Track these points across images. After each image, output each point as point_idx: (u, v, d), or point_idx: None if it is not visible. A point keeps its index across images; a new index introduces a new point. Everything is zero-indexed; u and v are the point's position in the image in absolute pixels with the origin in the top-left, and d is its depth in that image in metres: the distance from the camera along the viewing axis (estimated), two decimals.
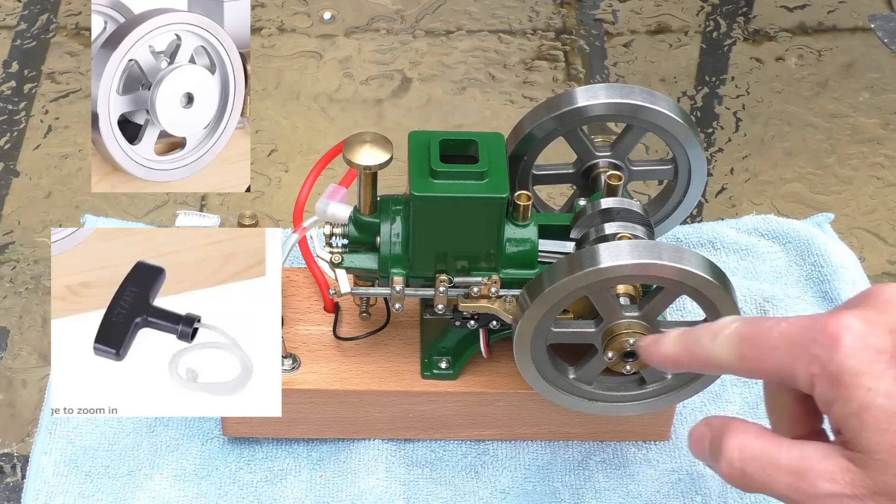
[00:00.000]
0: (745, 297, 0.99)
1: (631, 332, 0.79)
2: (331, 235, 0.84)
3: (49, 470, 0.88)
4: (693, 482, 0.89)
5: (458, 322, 0.86)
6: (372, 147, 0.80)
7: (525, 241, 0.82)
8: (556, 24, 1.26)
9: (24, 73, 1.18)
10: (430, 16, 1.26)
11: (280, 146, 1.13)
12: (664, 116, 0.86)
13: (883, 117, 1.18)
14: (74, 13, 1.24)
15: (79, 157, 1.11)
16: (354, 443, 0.91)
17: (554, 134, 0.87)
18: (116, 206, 1.07)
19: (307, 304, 0.92)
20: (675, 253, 0.76)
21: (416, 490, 0.89)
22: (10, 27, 1.23)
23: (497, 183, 0.79)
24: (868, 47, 1.24)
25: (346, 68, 1.20)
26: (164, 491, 0.88)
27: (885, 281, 1.04)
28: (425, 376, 0.88)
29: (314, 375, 0.88)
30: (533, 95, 1.18)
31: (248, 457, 0.90)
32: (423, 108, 1.17)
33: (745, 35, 1.25)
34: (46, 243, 1.04)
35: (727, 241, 1.04)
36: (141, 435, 0.91)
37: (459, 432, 0.91)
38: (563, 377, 0.84)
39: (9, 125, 1.13)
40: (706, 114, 1.18)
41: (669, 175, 0.91)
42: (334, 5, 1.27)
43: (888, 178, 1.13)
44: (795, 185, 1.12)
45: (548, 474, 0.90)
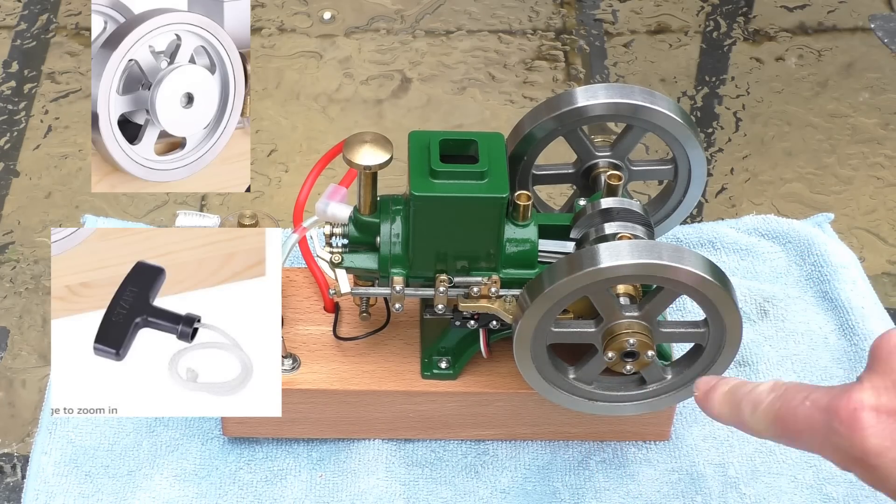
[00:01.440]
0: (745, 297, 0.99)
1: (631, 332, 0.79)
2: (331, 235, 0.84)
3: (49, 470, 0.88)
4: (693, 482, 0.89)
5: (458, 322, 0.86)
6: (372, 147, 0.80)
7: (525, 241, 0.82)
8: (556, 24, 1.26)
9: (24, 73, 1.18)
10: (430, 16, 1.26)
11: (280, 146, 1.13)
12: (664, 116, 0.86)
13: (883, 117, 1.18)
14: (74, 13, 1.24)
15: (79, 157, 1.11)
16: (354, 443, 0.91)
17: (554, 134, 0.87)
18: (116, 206, 1.07)
19: (307, 304, 0.92)
20: (675, 253, 0.76)
21: (416, 490, 0.89)
22: (10, 27, 1.23)
23: (497, 183, 0.79)
24: (868, 47, 1.24)
25: (346, 68, 1.20)
26: (164, 491, 0.88)
27: (884, 281, 1.04)
28: (425, 376, 0.88)
29: (314, 375, 0.88)
30: (533, 95, 1.18)
31: (248, 457, 0.90)
32: (423, 108, 1.17)
33: (745, 35, 1.25)
34: (46, 243, 1.04)
35: (727, 241, 1.04)
36: (141, 435, 0.91)
37: (459, 432, 0.91)
38: (563, 377, 0.84)
39: (9, 125, 1.14)
40: (706, 114, 1.18)
41: (669, 175, 0.91)
42: (334, 5, 1.27)
43: (888, 178, 1.13)
44: (795, 185, 1.12)
45: (548, 474, 0.90)
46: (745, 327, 0.81)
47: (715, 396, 0.70)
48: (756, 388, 0.67)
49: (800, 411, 0.62)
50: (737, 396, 0.68)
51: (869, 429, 0.59)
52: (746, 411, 0.67)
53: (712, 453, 0.91)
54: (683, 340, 0.82)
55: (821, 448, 0.62)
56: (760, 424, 0.66)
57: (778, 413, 0.64)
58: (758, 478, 0.90)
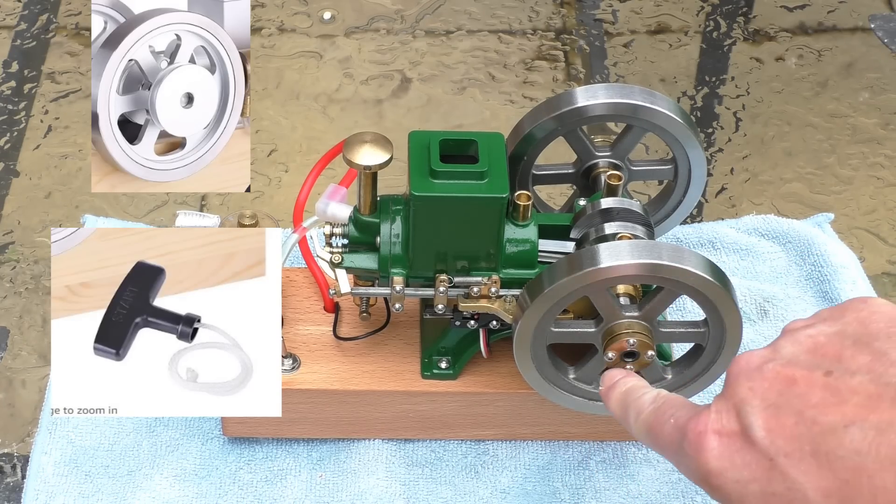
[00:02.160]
0: (745, 297, 0.99)
1: (631, 332, 0.79)
2: (331, 235, 0.84)
3: (49, 470, 0.88)
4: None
5: (458, 322, 0.86)
6: (372, 147, 0.80)
7: (525, 241, 0.82)
8: (556, 24, 1.26)
9: (24, 73, 1.18)
10: (430, 16, 1.26)
11: (280, 146, 1.13)
12: (664, 116, 0.86)
13: (883, 117, 1.18)
14: (74, 13, 1.24)
15: (79, 157, 1.11)
16: (354, 443, 0.91)
17: (554, 134, 0.87)
18: (116, 206, 1.07)
19: (307, 304, 0.92)
20: (675, 253, 0.76)
21: (416, 490, 0.89)
22: (10, 27, 1.23)
23: (497, 183, 0.79)
24: (868, 47, 1.25)
25: (346, 68, 1.20)
26: (164, 491, 0.88)
27: (884, 281, 1.04)
28: (425, 376, 0.88)
29: (314, 375, 0.88)
30: (533, 95, 1.18)
31: (248, 457, 0.90)
32: (423, 108, 1.17)
33: (745, 35, 1.25)
34: (46, 243, 1.04)
35: (727, 241, 1.04)
36: (141, 435, 0.91)
37: (459, 432, 0.91)
38: (563, 377, 0.84)
39: (9, 125, 1.14)
40: (706, 114, 1.18)
41: (669, 175, 0.91)
42: (334, 5, 1.27)
43: (888, 178, 1.13)
44: (795, 185, 1.12)
45: (548, 474, 0.90)
46: (745, 327, 0.81)
47: (612, 395, 0.74)
48: (643, 395, 0.70)
49: (664, 428, 0.65)
50: (627, 400, 0.72)
51: (711, 451, 0.61)
52: (631, 417, 0.70)
53: None
54: (683, 340, 0.82)
55: (678, 465, 0.64)
56: (639, 433, 0.69)
57: (650, 426, 0.67)
58: None
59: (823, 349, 0.61)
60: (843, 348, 0.60)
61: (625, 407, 0.72)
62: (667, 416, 0.65)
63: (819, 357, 0.61)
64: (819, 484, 0.57)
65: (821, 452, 0.58)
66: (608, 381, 0.76)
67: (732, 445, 0.60)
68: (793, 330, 0.63)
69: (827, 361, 0.60)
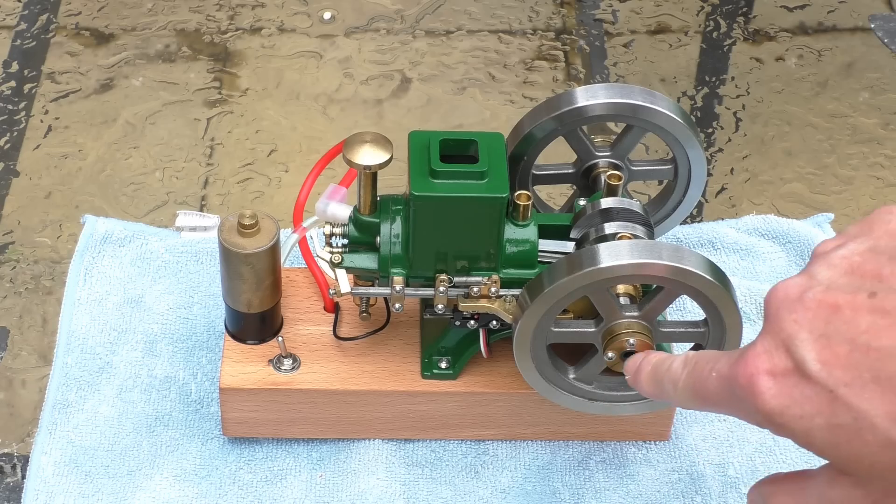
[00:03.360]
0: (745, 297, 0.99)
1: (631, 332, 0.79)
2: (331, 235, 0.84)
3: (49, 470, 0.88)
4: (693, 482, 0.89)
5: (458, 322, 0.86)
6: (372, 147, 0.80)
7: (525, 241, 0.82)
8: (556, 24, 1.26)
9: (24, 73, 1.18)
10: (430, 16, 1.26)
11: (280, 146, 1.13)
12: (664, 116, 0.86)
13: (883, 117, 1.18)
14: (74, 13, 1.24)
15: (79, 157, 1.11)
16: (354, 443, 0.91)
17: (554, 134, 0.87)
18: (116, 206, 1.07)
19: (307, 304, 0.92)
20: (675, 253, 0.76)
21: (416, 490, 0.89)
22: (10, 27, 1.23)
23: (497, 183, 0.79)
24: (868, 47, 1.25)
25: (346, 68, 1.20)
26: (164, 491, 0.88)
27: None
28: (425, 376, 0.88)
29: (314, 375, 0.88)
30: (533, 95, 1.18)
31: (248, 457, 0.90)
32: (423, 108, 1.17)
33: (745, 35, 1.25)
34: (46, 243, 1.04)
35: (727, 241, 1.04)
36: (141, 435, 0.91)
37: (459, 432, 0.91)
38: (563, 377, 0.84)
39: (9, 125, 1.14)
40: (706, 114, 1.18)
41: (669, 175, 0.91)
42: (334, 5, 1.27)
43: (888, 178, 1.13)
44: (795, 185, 1.12)
45: (548, 474, 0.90)
46: (745, 327, 0.81)
47: (642, 378, 0.72)
48: (672, 364, 0.67)
49: (709, 385, 0.63)
50: (658, 376, 0.70)
51: (767, 392, 0.59)
52: (669, 390, 0.68)
53: (712, 453, 0.91)
54: (683, 340, 0.82)
55: (736, 413, 0.62)
56: (684, 401, 0.66)
57: (693, 388, 0.65)
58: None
59: (861, 269, 0.59)
60: (881, 265, 0.58)
61: (658, 383, 0.69)
62: (706, 373, 0.63)
63: (858, 278, 0.58)
64: (887, 409, 0.56)
65: (882, 378, 0.56)
66: (631, 367, 0.74)
67: (789, 382, 0.58)
68: (823, 253, 0.60)
69: (867, 282, 0.58)
